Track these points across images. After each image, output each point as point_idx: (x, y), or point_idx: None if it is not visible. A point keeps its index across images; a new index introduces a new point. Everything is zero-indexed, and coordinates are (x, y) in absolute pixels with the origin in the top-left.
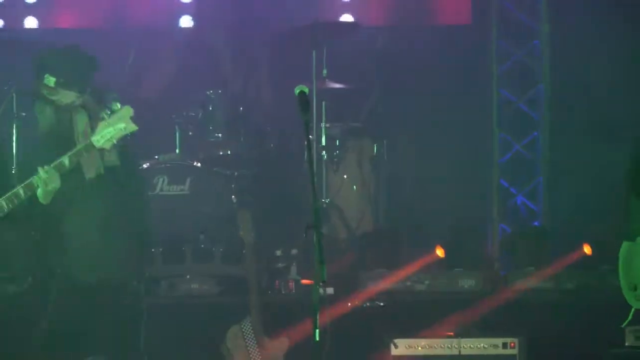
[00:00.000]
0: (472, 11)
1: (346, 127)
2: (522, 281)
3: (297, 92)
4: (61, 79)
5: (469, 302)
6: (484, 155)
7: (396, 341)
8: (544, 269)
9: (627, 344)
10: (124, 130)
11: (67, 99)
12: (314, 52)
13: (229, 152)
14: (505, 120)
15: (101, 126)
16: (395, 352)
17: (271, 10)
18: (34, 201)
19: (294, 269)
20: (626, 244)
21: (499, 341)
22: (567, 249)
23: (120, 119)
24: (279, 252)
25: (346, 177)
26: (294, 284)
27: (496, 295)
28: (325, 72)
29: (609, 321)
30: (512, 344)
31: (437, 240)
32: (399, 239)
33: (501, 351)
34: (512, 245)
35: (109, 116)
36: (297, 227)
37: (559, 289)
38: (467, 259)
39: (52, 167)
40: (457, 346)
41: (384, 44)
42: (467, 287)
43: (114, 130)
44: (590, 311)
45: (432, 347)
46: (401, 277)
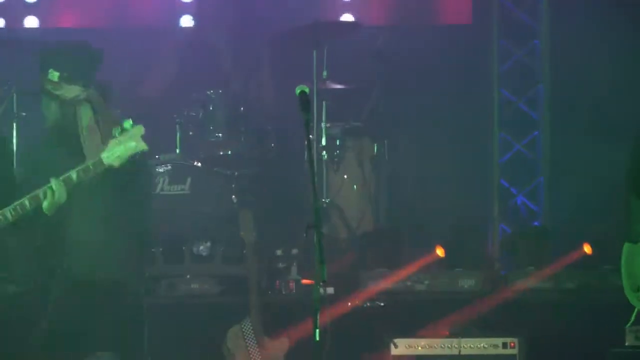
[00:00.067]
0: (473, 11)
1: (347, 127)
2: (522, 281)
3: (297, 91)
4: (65, 73)
5: (469, 302)
6: (484, 155)
7: (396, 341)
8: (544, 268)
9: (627, 344)
10: (134, 149)
11: (72, 93)
12: (315, 51)
13: (230, 152)
14: (505, 120)
15: (112, 144)
16: (395, 351)
17: (272, 9)
18: (38, 211)
19: (294, 269)
20: (627, 245)
21: (499, 341)
22: (568, 249)
23: (131, 138)
24: (280, 252)
25: (347, 177)
26: (294, 284)
27: (496, 295)
28: (325, 72)
29: (610, 321)
30: (512, 344)
31: (437, 240)
32: (399, 239)
33: (501, 351)
34: (512, 245)
35: (120, 134)
36: (298, 227)
37: (559, 289)
38: (467, 258)
39: (60, 181)
40: (457, 346)
41: (384, 44)
42: (467, 287)
43: (125, 148)
44: (590, 311)
45: (432, 347)
46: (401, 277)
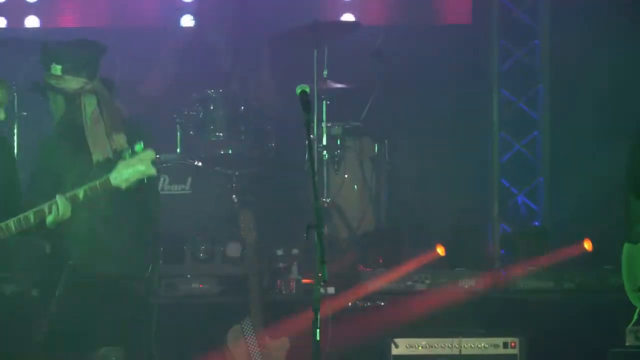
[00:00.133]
0: (473, 11)
1: (347, 127)
2: (523, 281)
3: (298, 91)
4: (68, 64)
5: (469, 301)
6: (484, 155)
7: (396, 340)
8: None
9: (627, 344)
10: (143, 173)
11: (76, 85)
12: (315, 51)
13: (230, 152)
14: (505, 120)
15: (121, 165)
16: (395, 351)
17: (272, 9)
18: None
19: (295, 269)
20: (627, 246)
21: (499, 341)
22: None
23: (140, 161)
24: (280, 252)
25: (347, 176)
26: (295, 283)
27: (496, 295)
28: (326, 72)
29: (610, 321)
30: (513, 344)
31: (438, 239)
32: (400, 239)
33: (502, 351)
34: (512, 244)
35: (131, 156)
36: (298, 227)
37: (560, 289)
38: (467, 258)
39: (66, 197)
40: (457, 346)
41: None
42: (467, 286)
43: (133, 171)
44: (590, 311)
45: (432, 347)
46: (401, 273)
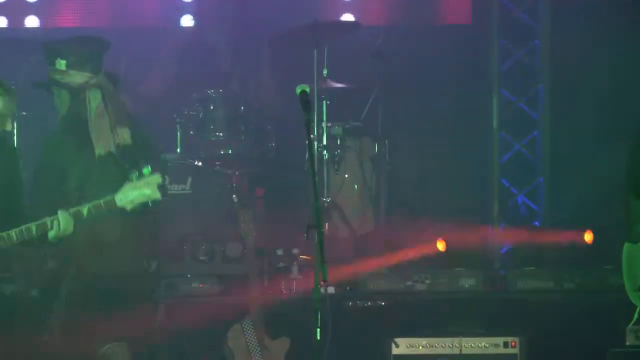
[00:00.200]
0: (473, 11)
1: (347, 127)
2: (523, 281)
3: (298, 91)
4: (72, 58)
5: (469, 301)
6: (484, 155)
7: (397, 340)
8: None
9: (627, 344)
10: (148, 196)
11: (81, 79)
12: (315, 51)
13: (230, 152)
14: (505, 120)
15: (127, 187)
16: (395, 351)
17: (272, 9)
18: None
19: (295, 269)
20: (627, 245)
21: (500, 340)
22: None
23: (146, 185)
24: (280, 252)
25: (347, 176)
26: (295, 283)
27: (496, 294)
28: (326, 72)
29: (609, 321)
30: (513, 343)
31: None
32: (399, 239)
33: (502, 350)
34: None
35: (137, 179)
36: (298, 227)
37: (560, 289)
38: (467, 258)
39: (69, 214)
40: (458, 345)
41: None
42: (467, 286)
43: (139, 194)
44: (590, 311)
45: (432, 346)
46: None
